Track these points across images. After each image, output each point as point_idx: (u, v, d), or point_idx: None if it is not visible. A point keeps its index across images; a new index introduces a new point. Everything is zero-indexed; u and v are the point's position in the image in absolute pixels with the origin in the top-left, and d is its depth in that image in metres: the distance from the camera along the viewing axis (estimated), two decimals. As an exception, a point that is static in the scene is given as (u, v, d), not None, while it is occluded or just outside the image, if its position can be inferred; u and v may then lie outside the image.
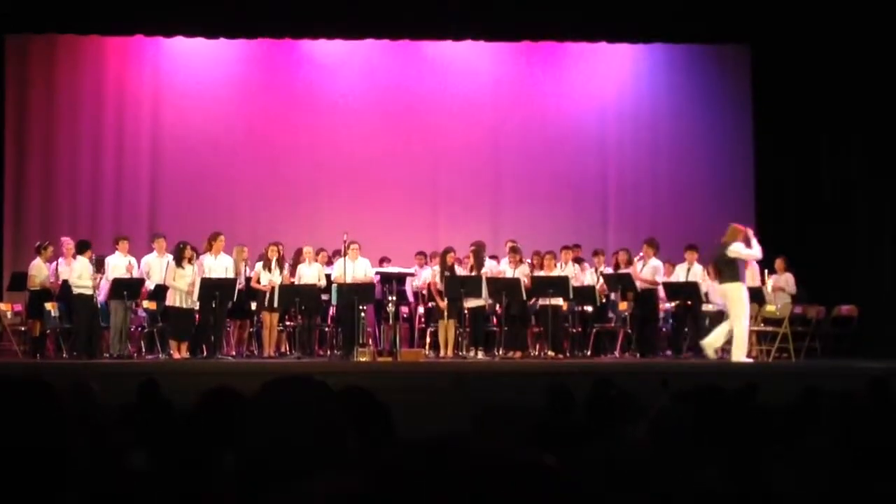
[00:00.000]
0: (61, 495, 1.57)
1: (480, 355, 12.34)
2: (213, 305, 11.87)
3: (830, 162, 14.33)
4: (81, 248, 12.13)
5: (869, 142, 13.68)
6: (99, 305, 12.05)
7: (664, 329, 13.32)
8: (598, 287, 12.95)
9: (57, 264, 12.37)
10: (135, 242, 12.77)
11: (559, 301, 12.37)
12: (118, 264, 12.23)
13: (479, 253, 12.67)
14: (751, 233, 11.54)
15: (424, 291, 13.08)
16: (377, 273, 12.45)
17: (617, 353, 12.90)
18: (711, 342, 11.44)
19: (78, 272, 11.92)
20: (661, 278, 12.84)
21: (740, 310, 11.22)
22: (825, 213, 14.16)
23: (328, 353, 12.59)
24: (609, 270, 13.23)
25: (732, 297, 11.30)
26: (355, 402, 3.06)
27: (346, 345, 11.96)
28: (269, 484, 1.75)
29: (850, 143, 14.02)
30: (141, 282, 12.12)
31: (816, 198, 14.39)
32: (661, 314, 13.19)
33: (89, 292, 11.87)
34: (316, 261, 12.81)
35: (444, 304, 12.35)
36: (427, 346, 12.86)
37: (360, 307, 11.90)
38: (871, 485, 2.56)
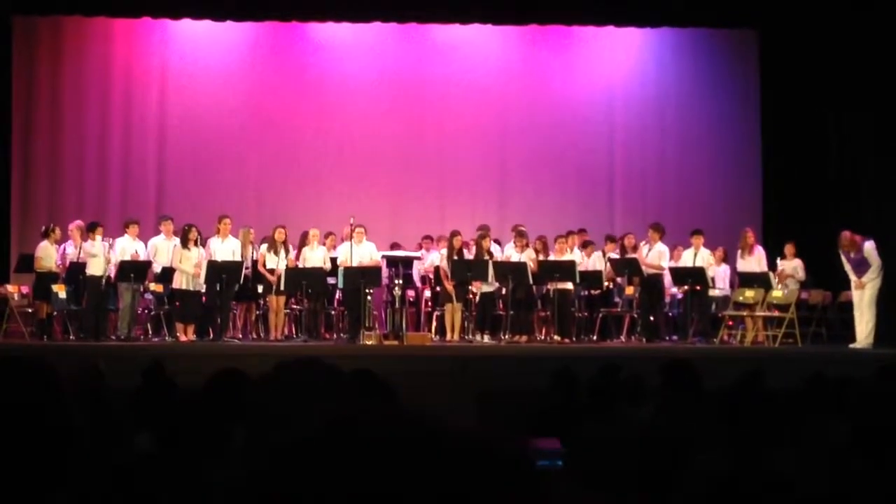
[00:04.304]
0: (62, 475, 1.57)
1: (486, 339, 12.36)
2: (220, 288, 11.90)
3: (838, 147, 14.28)
4: (93, 230, 12.16)
5: (877, 128, 13.61)
6: (106, 287, 12.09)
7: (670, 314, 13.32)
8: (605, 272, 12.95)
9: (65, 246, 12.38)
10: (141, 225, 12.76)
11: (567, 285, 12.36)
12: (126, 247, 12.26)
13: (486, 238, 12.67)
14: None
15: (431, 275, 13.09)
16: (383, 256, 12.45)
17: (623, 338, 12.90)
18: (862, 339, 11.52)
19: (93, 253, 11.95)
20: (667, 263, 12.82)
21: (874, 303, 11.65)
22: (832, 199, 14.11)
23: (334, 336, 12.61)
24: (615, 255, 13.22)
25: (875, 292, 11.61)
26: (362, 384, 3.07)
27: (353, 328, 11.99)
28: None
29: (858, 129, 13.96)
30: (147, 264, 12.15)
31: (823, 183, 14.35)
32: (668, 299, 13.20)
33: (100, 273, 11.91)
34: (323, 244, 12.82)
35: (451, 286, 12.35)
36: (433, 330, 12.88)
37: (367, 290, 11.92)
38: (874, 470, 2.56)
